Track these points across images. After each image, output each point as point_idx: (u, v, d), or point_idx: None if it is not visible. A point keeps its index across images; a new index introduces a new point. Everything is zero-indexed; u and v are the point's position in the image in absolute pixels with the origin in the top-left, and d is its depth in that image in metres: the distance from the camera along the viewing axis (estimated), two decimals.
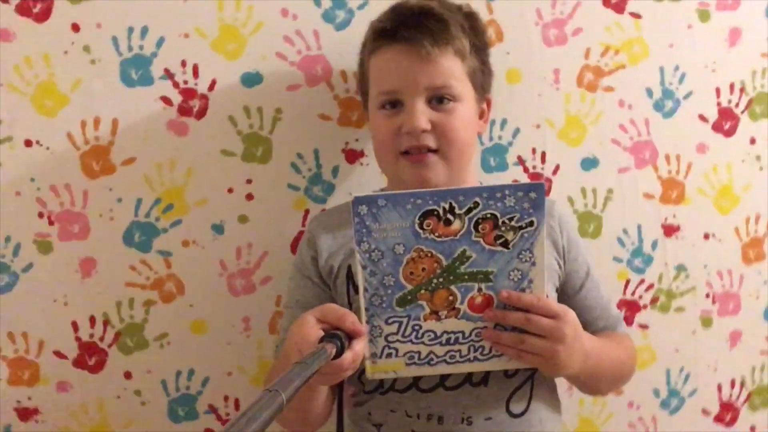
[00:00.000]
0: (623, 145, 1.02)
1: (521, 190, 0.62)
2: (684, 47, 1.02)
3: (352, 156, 0.96)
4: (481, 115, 0.85)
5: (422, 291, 0.65)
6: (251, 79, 0.93)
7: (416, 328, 0.67)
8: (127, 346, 0.94)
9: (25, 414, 0.93)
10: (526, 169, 1.00)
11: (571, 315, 0.68)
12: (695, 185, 1.05)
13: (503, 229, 0.63)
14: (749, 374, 1.10)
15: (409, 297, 0.65)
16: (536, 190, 0.62)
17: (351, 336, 0.61)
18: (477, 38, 0.82)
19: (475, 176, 0.88)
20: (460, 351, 0.68)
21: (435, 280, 0.64)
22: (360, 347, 0.62)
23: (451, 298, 0.65)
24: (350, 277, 0.79)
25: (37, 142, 0.89)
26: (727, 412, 1.10)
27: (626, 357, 0.86)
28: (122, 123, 0.91)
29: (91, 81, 0.89)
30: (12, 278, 0.90)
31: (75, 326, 0.92)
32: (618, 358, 0.84)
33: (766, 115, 1.06)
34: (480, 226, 0.62)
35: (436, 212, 0.61)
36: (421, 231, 0.62)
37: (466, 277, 0.65)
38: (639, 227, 1.04)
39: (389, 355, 0.68)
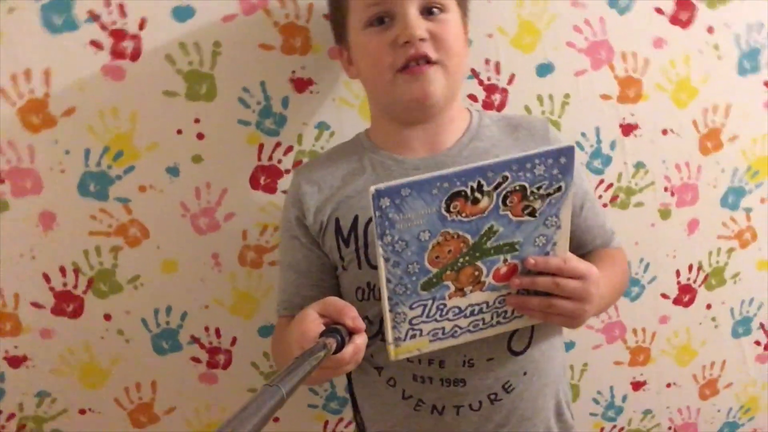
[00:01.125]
0: (578, 46, 1.00)
1: (551, 156, 0.58)
2: None
3: (301, 84, 0.94)
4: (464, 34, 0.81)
5: (448, 272, 0.62)
6: (183, 13, 0.89)
7: (441, 307, 0.65)
8: (101, 290, 0.97)
9: (16, 361, 0.98)
10: (480, 82, 0.99)
11: (594, 272, 0.67)
12: (653, 81, 1.04)
13: (531, 198, 0.60)
14: (706, 258, 1.16)
15: (435, 280, 0.62)
16: (566, 154, 0.58)
17: (351, 331, 0.62)
18: None
19: (461, 107, 0.85)
20: (483, 319, 0.68)
21: (461, 259, 0.62)
22: (361, 341, 0.62)
23: (476, 273, 0.63)
24: (338, 230, 0.78)
25: None
26: (685, 294, 1.17)
27: (624, 276, 0.89)
28: (55, 73, 0.88)
29: (13, 32, 0.85)
30: None
31: (46, 277, 0.95)
32: (619, 282, 0.85)
33: (724, 2, 1.02)
34: (508, 200, 0.59)
35: (463, 193, 0.57)
36: (447, 214, 0.58)
37: (492, 251, 0.62)
38: (597, 129, 1.05)
39: (413, 336, 0.67)
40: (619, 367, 1.19)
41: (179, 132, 0.93)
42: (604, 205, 1.09)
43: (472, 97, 0.99)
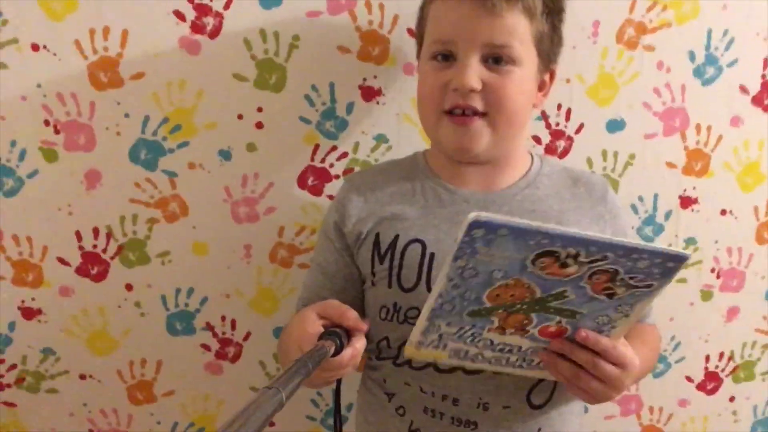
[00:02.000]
0: (654, 109, 0.99)
1: (661, 257, 0.54)
2: (738, 10, 0.95)
3: (369, 93, 0.94)
4: (541, 87, 0.78)
5: (500, 311, 0.60)
6: (270, 1, 0.88)
7: (476, 335, 0.63)
8: (129, 259, 0.96)
9: (29, 313, 0.97)
10: (548, 125, 0.97)
11: (635, 365, 0.65)
12: (722, 159, 1.02)
13: (618, 284, 0.57)
14: (739, 349, 1.13)
15: (483, 312, 0.60)
16: (677, 261, 0.55)
17: (351, 333, 0.61)
18: (551, 0, 0.74)
19: (525, 152, 0.83)
20: (508, 359, 0.66)
21: (519, 305, 0.60)
22: (360, 344, 0.62)
23: (525, 321, 0.62)
24: (377, 245, 0.77)
25: (44, 47, 0.87)
26: (710, 382, 1.14)
27: (654, 356, 0.87)
28: (132, 35, 0.88)
29: None
30: (17, 183, 0.91)
31: (78, 236, 0.95)
32: (648, 363, 0.83)
33: None
34: (595, 276, 0.56)
35: (557, 254, 0.54)
36: (530, 266, 0.55)
37: (553, 310, 0.60)
38: (656, 196, 1.03)
39: (436, 347, 0.65)
40: None
41: (240, 117, 0.92)
42: None
43: (536, 139, 0.98)
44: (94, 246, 0.95)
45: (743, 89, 1.00)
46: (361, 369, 0.85)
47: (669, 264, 0.55)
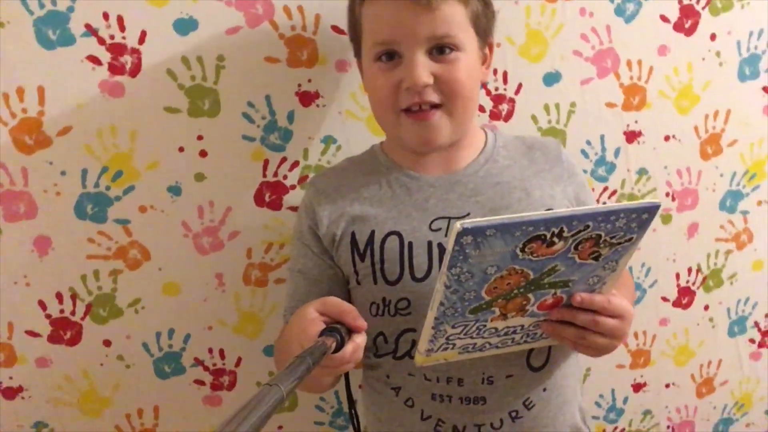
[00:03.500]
0: (585, 55, 1.02)
1: (636, 211, 0.58)
2: None
3: (307, 98, 0.93)
4: (484, 61, 0.80)
5: (499, 300, 0.63)
6: (185, 26, 0.87)
7: (480, 327, 0.66)
8: (100, 316, 0.95)
9: (10, 393, 0.95)
10: (488, 92, 1.00)
11: (631, 312, 0.69)
12: (656, 89, 1.07)
13: (602, 245, 0.60)
14: (705, 261, 1.20)
15: (484, 306, 0.63)
16: (651, 211, 0.59)
17: (352, 330, 0.62)
18: None
19: (476, 129, 0.85)
20: (513, 338, 0.69)
21: (516, 291, 0.63)
22: (360, 340, 0.63)
23: (524, 302, 0.65)
24: (354, 244, 0.79)
25: None
26: (684, 297, 1.21)
27: (632, 300, 0.92)
28: (49, 90, 0.85)
29: (5, 48, 0.82)
30: None
31: (42, 305, 0.93)
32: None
33: (727, 9, 1.05)
34: (581, 245, 0.59)
35: (543, 236, 0.57)
36: (520, 253, 0.58)
37: (547, 286, 0.63)
38: (602, 137, 1.07)
39: (445, 348, 0.68)
40: (620, 370, 1.22)
41: (181, 150, 0.91)
42: None
43: (480, 108, 1.00)
44: (61, 311, 0.94)
45: (664, 18, 1.03)
46: (359, 367, 0.87)
47: (644, 216, 0.59)
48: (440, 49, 0.73)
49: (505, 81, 1.00)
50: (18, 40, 0.82)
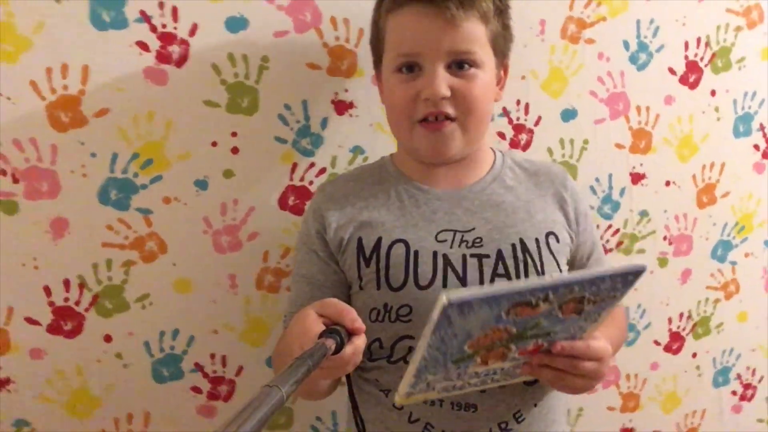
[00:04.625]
0: (600, 96, 1.12)
1: (622, 275, 0.61)
2: (659, 0, 1.11)
3: (342, 107, 0.99)
4: (498, 82, 0.86)
5: (482, 351, 0.65)
6: (236, 24, 0.92)
7: (461, 373, 0.68)
8: (105, 308, 0.95)
9: None
10: (510, 121, 1.08)
11: (609, 353, 0.72)
12: (661, 135, 1.17)
13: (585, 303, 0.63)
14: (695, 307, 1.28)
15: (467, 357, 0.65)
16: (636, 274, 0.61)
17: (351, 332, 0.64)
18: (500, 1, 0.82)
19: (486, 147, 0.90)
20: (493, 377, 0.72)
21: (498, 343, 0.65)
22: (360, 341, 0.64)
23: (506, 352, 0.67)
24: (360, 249, 0.82)
25: None
26: (675, 342, 1.28)
27: (622, 335, 0.97)
28: (93, 70, 0.88)
29: (57, 23, 0.86)
30: None
31: (47, 291, 0.92)
32: (619, 342, 0.94)
33: (726, 69, 1.18)
34: (564, 306, 0.62)
35: (529, 302, 0.60)
36: (505, 315, 0.60)
37: (529, 337, 0.65)
38: (610, 176, 1.16)
39: (425, 391, 0.70)
40: (611, 412, 1.27)
41: (214, 144, 0.94)
42: (610, 250, 1.19)
43: (501, 135, 1.08)
44: (66, 299, 0.93)
45: (671, 71, 1.15)
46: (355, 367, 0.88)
47: (629, 277, 0.62)
48: (459, 64, 0.78)
49: (526, 112, 1.08)
50: (71, 17, 0.86)
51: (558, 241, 0.85)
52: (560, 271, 0.84)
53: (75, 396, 0.96)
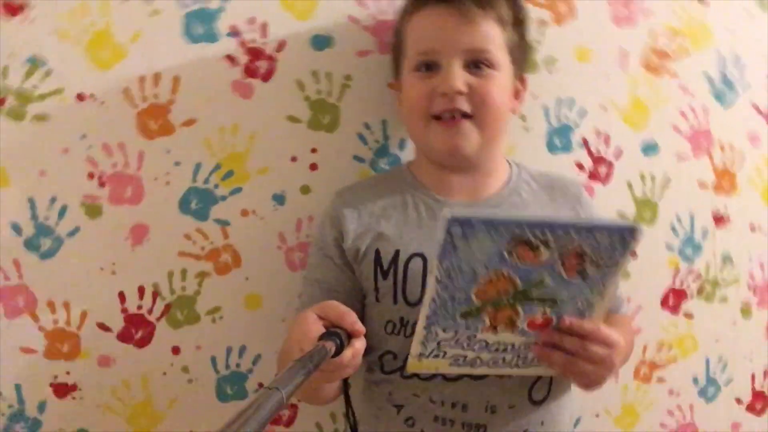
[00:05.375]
0: (683, 132, 1.07)
1: (617, 232, 0.63)
2: (744, 35, 1.07)
3: None
4: (516, 94, 0.86)
5: (489, 307, 0.67)
6: (321, 42, 0.93)
7: (471, 337, 0.69)
8: (176, 319, 0.93)
9: (62, 390, 0.91)
10: (590, 152, 1.04)
11: (621, 343, 0.71)
12: (746, 176, 1.11)
13: (587, 263, 0.64)
14: None
15: (474, 311, 0.66)
16: (631, 233, 0.63)
17: (351, 335, 0.63)
18: (519, 12, 0.84)
19: (502, 158, 0.89)
20: (504, 358, 0.72)
21: (504, 299, 0.66)
22: (360, 344, 0.64)
23: (513, 316, 0.68)
24: (378, 261, 0.81)
25: (91, 96, 0.87)
26: (758, 402, 1.18)
27: (631, 346, 0.94)
28: (183, 81, 0.90)
29: (152, 34, 0.88)
30: (56, 243, 0.88)
31: (122, 297, 0.91)
32: (629, 349, 0.92)
33: None
34: (566, 258, 0.63)
35: (528, 241, 0.62)
36: (508, 256, 0.62)
37: (536, 301, 0.67)
38: (692, 216, 1.09)
39: (436, 356, 0.70)
40: None
41: (293, 159, 0.94)
42: (691, 296, 1.12)
43: (579, 165, 1.04)
44: (139, 307, 0.92)
45: (757, 109, 1.10)
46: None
47: (626, 238, 0.63)
48: (476, 64, 0.79)
49: (607, 144, 1.04)
50: (166, 30, 0.88)
51: None
52: None
53: (138, 409, 0.93)
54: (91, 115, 0.87)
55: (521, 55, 0.85)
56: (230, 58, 0.90)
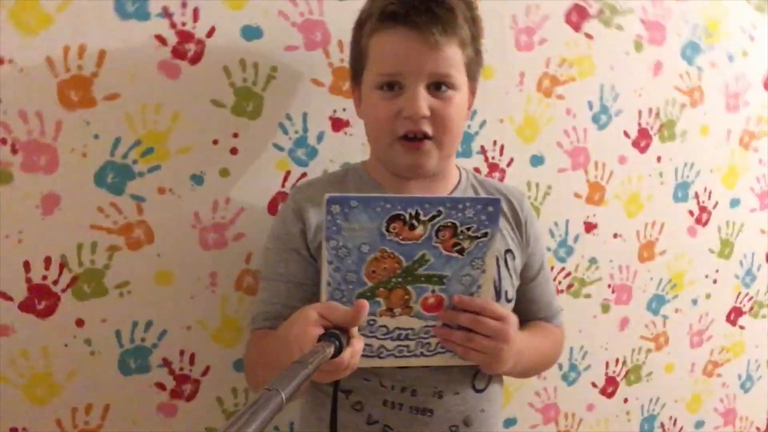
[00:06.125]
0: (565, 148, 1.20)
1: (480, 203, 0.69)
2: (622, 69, 1.22)
3: (338, 125, 1.03)
4: (469, 106, 0.89)
5: (381, 288, 0.71)
6: (251, 33, 0.95)
7: (371, 322, 0.73)
8: (83, 291, 0.92)
9: None
10: (486, 159, 1.14)
11: (513, 318, 0.78)
12: (613, 190, 1.27)
13: (461, 237, 0.70)
14: (629, 354, 1.35)
15: (369, 294, 0.70)
16: (493, 204, 0.70)
17: (350, 334, 0.64)
18: (475, 28, 0.85)
19: (453, 164, 0.92)
20: (408, 346, 0.76)
21: (394, 279, 0.71)
22: (359, 345, 0.65)
23: (406, 297, 0.72)
24: None
25: (10, 61, 0.84)
26: (610, 386, 1.34)
27: (552, 349, 1.01)
28: (110, 55, 0.89)
29: (81, 5, 0.87)
30: None
31: (27, 266, 0.89)
32: (544, 351, 0.96)
33: (671, 139, 1.30)
34: (440, 233, 0.69)
35: (402, 217, 0.67)
36: (387, 233, 0.67)
37: (423, 278, 0.71)
38: (567, 222, 1.23)
39: None
40: None
41: (215, 142, 0.96)
42: (561, 291, 1.25)
43: (477, 170, 1.14)
44: (44, 278, 0.90)
45: (626, 134, 1.26)
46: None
47: (489, 209, 0.70)
48: (437, 85, 0.81)
49: (501, 153, 1.15)
50: (96, 2, 0.87)
51: (514, 258, 0.90)
52: (514, 288, 0.90)
53: (35, 379, 0.91)
54: (10, 81, 0.84)
55: (476, 68, 0.87)
56: (160, 38, 0.91)
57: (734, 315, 1.45)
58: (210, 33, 0.93)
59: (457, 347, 0.77)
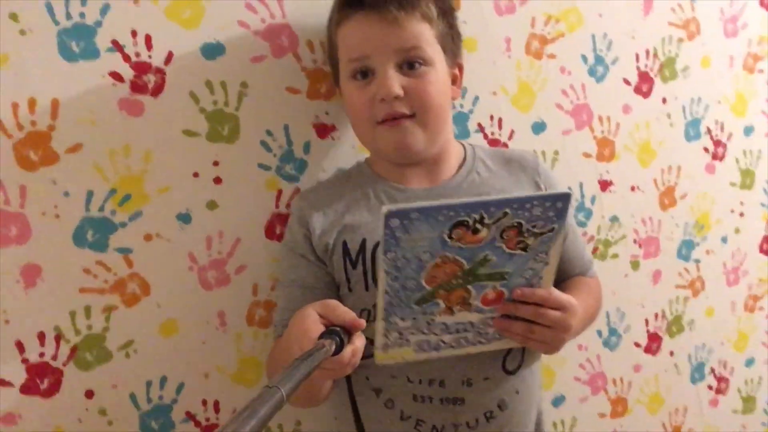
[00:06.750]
0: (565, 108, 1.12)
1: (548, 200, 0.64)
2: (611, 16, 1.13)
3: (323, 130, 0.94)
4: (454, 81, 0.86)
5: (441, 291, 0.67)
6: (212, 50, 0.87)
7: (430, 321, 0.70)
8: (86, 361, 0.85)
9: None
10: (485, 136, 1.06)
11: (575, 305, 0.74)
12: (622, 143, 1.18)
13: (526, 235, 0.65)
14: (668, 306, 1.28)
15: (428, 297, 0.67)
16: (563, 199, 0.64)
17: (352, 331, 0.63)
18: (443, 3, 0.84)
19: (454, 142, 0.90)
20: (466, 337, 0.73)
21: (454, 281, 0.67)
22: (360, 343, 0.64)
23: (466, 295, 0.69)
24: (347, 253, 0.81)
25: None
26: (654, 342, 1.27)
27: (596, 307, 0.97)
28: (64, 104, 0.80)
29: (22, 56, 0.77)
30: None
31: (20, 346, 0.81)
32: (592, 312, 0.95)
33: (673, 77, 1.21)
34: (505, 233, 0.64)
35: (466, 222, 0.62)
36: (449, 240, 0.63)
37: (484, 278, 0.68)
38: (581, 184, 1.15)
39: (400, 345, 0.71)
40: (602, 419, 1.24)
41: (195, 175, 0.87)
42: None
43: None
44: (41, 354, 0.82)
45: (626, 81, 1.17)
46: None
47: (558, 204, 0.64)
48: (410, 64, 0.79)
49: (500, 127, 1.07)
50: (38, 49, 0.78)
51: None
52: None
53: None
54: None
55: (453, 43, 0.85)
56: (115, 75, 0.82)
57: (767, 245, 1.37)
58: (168, 59, 0.84)
59: (516, 337, 0.74)
